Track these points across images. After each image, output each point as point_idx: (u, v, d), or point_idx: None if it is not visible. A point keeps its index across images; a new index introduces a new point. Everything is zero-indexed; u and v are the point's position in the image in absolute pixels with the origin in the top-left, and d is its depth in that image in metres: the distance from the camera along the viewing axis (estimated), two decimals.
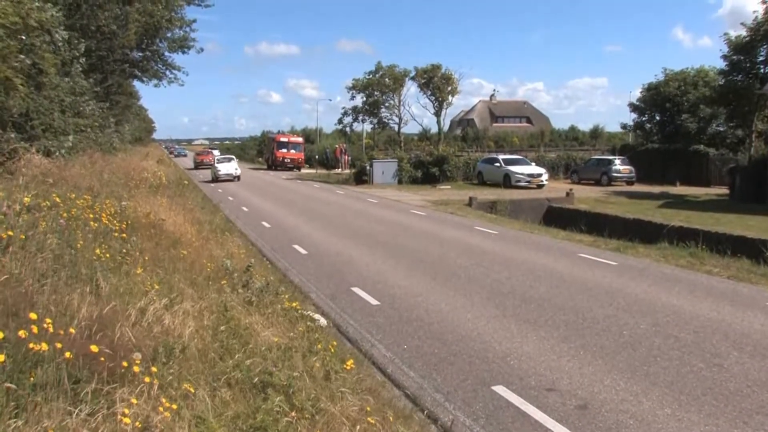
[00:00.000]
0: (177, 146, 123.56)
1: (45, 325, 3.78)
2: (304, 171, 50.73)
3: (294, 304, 7.64)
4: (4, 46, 9.88)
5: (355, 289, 9.94)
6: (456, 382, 6.14)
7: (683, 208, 24.05)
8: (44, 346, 3.56)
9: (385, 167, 34.98)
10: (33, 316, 3.78)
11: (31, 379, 3.50)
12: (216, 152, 62.95)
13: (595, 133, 72.08)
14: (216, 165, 39.68)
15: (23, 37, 11.33)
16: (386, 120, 50.81)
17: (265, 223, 18.36)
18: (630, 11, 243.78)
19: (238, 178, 37.99)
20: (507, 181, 30.85)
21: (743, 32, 27.93)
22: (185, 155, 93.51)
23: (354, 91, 49.83)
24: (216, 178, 37.50)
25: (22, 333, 3.56)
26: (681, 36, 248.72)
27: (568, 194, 26.51)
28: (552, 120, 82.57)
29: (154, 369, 4.08)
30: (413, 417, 5.26)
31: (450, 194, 28.02)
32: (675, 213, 21.87)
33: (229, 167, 38.72)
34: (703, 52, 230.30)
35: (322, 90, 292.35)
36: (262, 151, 65.75)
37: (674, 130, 38.59)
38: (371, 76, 49.14)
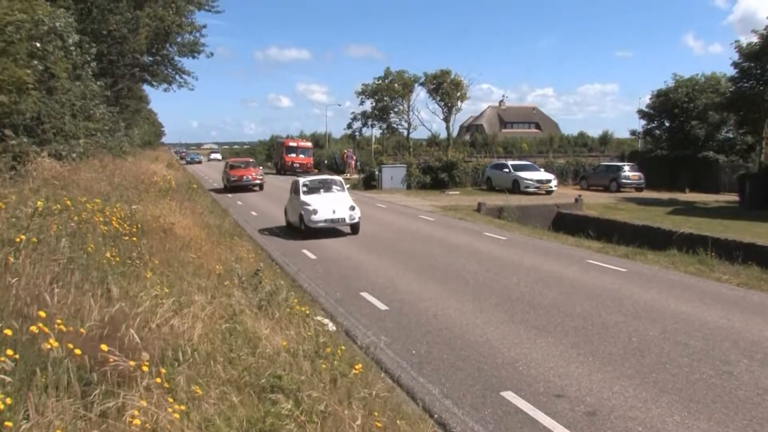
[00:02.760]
0: (185, 150, 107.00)
1: (56, 325, 3.81)
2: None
3: (303, 309, 7.66)
4: (18, 51, 9.98)
5: (364, 294, 9.95)
6: (465, 388, 6.13)
7: (692, 214, 23.91)
8: (55, 344, 3.59)
9: (394, 172, 34.92)
10: (42, 314, 3.81)
11: (43, 379, 3.53)
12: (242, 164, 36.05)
13: (605, 140, 71.92)
14: (303, 198, 17.11)
15: (38, 44, 11.44)
16: (395, 125, 50.92)
17: (274, 228, 18.40)
18: (641, 16, 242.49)
19: (354, 228, 16.90)
20: (516, 187, 30.75)
21: (754, 39, 27.77)
22: (200, 161, 76.81)
23: (363, 96, 50.01)
24: (305, 224, 16.47)
25: (33, 328, 3.59)
26: (692, 42, 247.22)
27: (577, 200, 26.38)
28: (561, 126, 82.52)
29: (163, 371, 4.11)
30: (421, 422, 5.26)
31: (459, 200, 27.98)
32: (684, 220, 21.73)
33: (338, 204, 16.90)
34: (713, 58, 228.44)
35: (332, 95, 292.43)
36: (272, 155, 65.83)
37: (683, 136, 38.37)
38: (381, 81, 49.24)
